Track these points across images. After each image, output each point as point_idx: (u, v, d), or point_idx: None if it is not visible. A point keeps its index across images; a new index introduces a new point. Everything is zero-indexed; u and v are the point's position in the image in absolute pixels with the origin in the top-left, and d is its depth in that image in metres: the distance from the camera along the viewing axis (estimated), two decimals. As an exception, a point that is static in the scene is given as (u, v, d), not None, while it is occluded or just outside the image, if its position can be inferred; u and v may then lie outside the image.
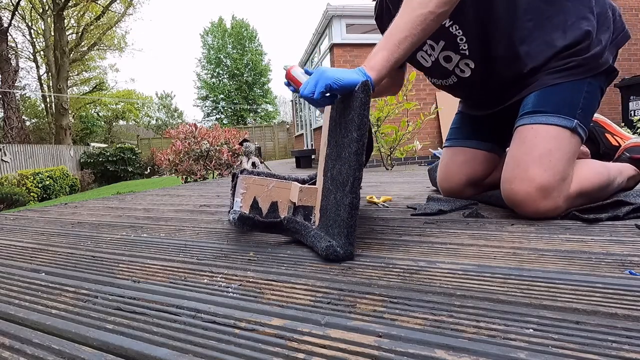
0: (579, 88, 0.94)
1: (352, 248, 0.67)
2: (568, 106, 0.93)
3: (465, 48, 1.01)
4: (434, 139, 6.56)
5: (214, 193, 1.99)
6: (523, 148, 0.93)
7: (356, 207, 0.67)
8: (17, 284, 0.63)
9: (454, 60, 1.06)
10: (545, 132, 0.92)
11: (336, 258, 0.66)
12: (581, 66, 0.93)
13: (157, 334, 0.43)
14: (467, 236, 0.80)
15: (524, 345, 0.37)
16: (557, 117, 0.92)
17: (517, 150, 0.95)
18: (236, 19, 26.18)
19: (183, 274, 0.64)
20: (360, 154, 0.67)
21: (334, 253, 0.66)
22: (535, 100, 0.96)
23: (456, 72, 1.08)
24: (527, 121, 0.95)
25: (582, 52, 0.93)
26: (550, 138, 0.91)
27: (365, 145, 0.68)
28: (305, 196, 0.88)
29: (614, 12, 0.99)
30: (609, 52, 0.97)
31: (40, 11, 15.13)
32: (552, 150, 0.90)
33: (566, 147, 0.91)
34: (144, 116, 25.95)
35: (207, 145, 4.38)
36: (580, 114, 0.93)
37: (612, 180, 1.02)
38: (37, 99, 20.09)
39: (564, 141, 0.91)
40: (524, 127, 0.95)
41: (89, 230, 1.08)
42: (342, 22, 6.38)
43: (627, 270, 0.54)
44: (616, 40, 0.99)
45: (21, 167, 10.09)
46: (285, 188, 0.91)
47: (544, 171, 0.88)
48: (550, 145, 0.90)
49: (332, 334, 0.41)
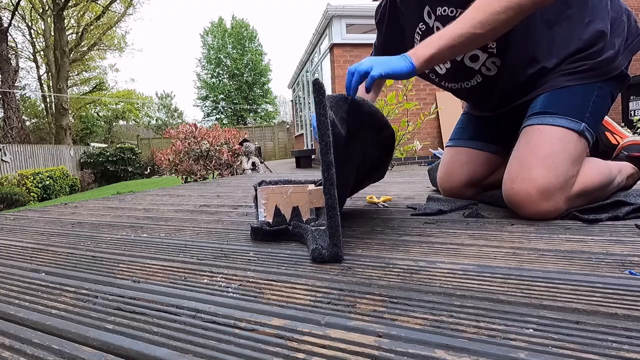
0: (590, 91, 0.93)
1: (337, 249, 0.66)
2: (577, 109, 0.92)
3: (494, 46, 1.00)
4: (434, 139, 6.56)
5: (214, 193, 1.99)
6: (528, 148, 0.93)
7: (333, 207, 0.66)
8: (17, 284, 0.63)
9: (481, 59, 1.03)
10: (552, 133, 0.91)
11: (322, 260, 0.66)
12: (593, 70, 0.93)
13: (157, 334, 0.43)
14: (467, 236, 0.80)
15: (524, 345, 0.37)
16: (565, 119, 0.91)
17: (522, 149, 0.94)
18: (236, 19, 26.18)
19: (183, 274, 0.64)
20: (325, 154, 0.66)
21: (320, 256, 0.66)
22: (544, 101, 0.96)
23: (482, 71, 1.06)
24: (535, 121, 0.95)
25: (595, 56, 0.93)
26: (556, 140, 0.91)
27: (329, 145, 0.66)
28: (314, 198, 0.89)
29: (629, 16, 0.98)
30: (623, 57, 0.96)
31: (40, 11, 15.13)
32: (557, 152, 0.89)
33: (572, 149, 0.90)
34: (144, 116, 25.95)
35: (207, 145, 4.39)
36: (589, 117, 0.92)
37: (613, 179, 1.01)
38: (37, 99, 20.11)
39: (570, 144, 0.91)
40: (531, 127, 0.95)
41: (89, 230, 1.08)
42: (342, 22, 6.38)
43: (627, 270, 0.54)
44: (631, 46, 0.98)
45: (21, 167, 10.09)
46: (303, 192, 0.92)
47: (547, 172, 0.88)
48: (555, 146, 0.90)
49: (332, 334, 0.41)
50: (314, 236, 0.74)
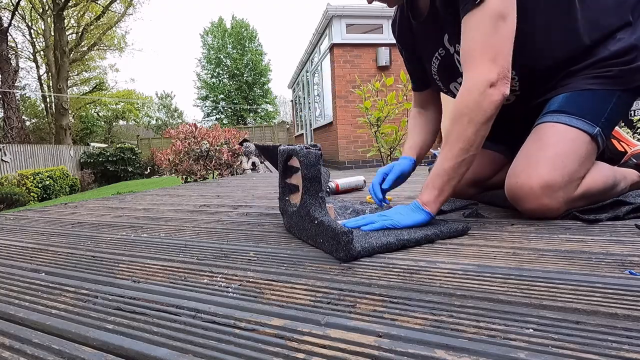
0: (610, 98, 0.92)
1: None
2: (595, 113, 0.91)
3: (517, 89, 1.01)
4: (434, 139, 6.56)
5: (214, 193, 1.99)
6: (539, 144, 0.92)
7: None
8: (17, 284, 0.63)
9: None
10: (566, 133, 0.91)
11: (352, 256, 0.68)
12: (618, 77, 0.92)
13: (157, 334, 0.43)
14: (467, 236, 0.80)
15: (524, 345, 0.37)
16: (582, 121, 0.91)
17: (532, 145, 0.94)
18: (236, 19, 26.19)
19: (183, 274, 0.64)
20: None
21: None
22: (563, 100, 0.95)
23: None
24: (550, 119, 0.94)
25: (624, 64, 0.91)
26: (568, 140, 0.90)
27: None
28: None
29: None
30: None
31: (40, 11, 15.13)
32: (568, 152, 0.89)
33: (583, 152, 0.90)
34: (144, 116, 25.97)
35: (207, 145, 4.38)
36: (604, 122, 0.91)
37: (616, 184, 1.01)
38: (37, 99, 20.11)
39: (582, 146, 0.90)
40: (545, 125, 0.94)
41: (89, 230, 1.08)
42: (342, 22, 6.38)
43: (627, 270, 0.54)
44: None
45: (21, 167, 10.09)
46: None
47: (553, 170, 0.87)
48: (567, 146, 0.89)
49: (332, 334, 0.41)
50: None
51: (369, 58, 6.49)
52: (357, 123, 5.94)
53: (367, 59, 6.49)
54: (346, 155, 6.52)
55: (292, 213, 0.87)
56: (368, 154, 4.15)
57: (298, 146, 0.82)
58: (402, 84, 3.69)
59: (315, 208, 0.78)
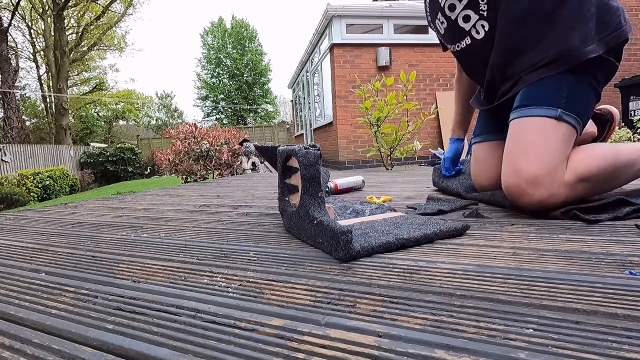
0: (561, 80, 0.96)
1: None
2: (551, 97, 0.96)
3: (484, 9, 1.04)
4: (434, 139, 6.56)
5: (214, 193, 1.99)
6: (512, 142, 0.98)
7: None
8: (17, 284, 0.63)
9: (472, 20, 1.09)
10: (531, 124, 0.96)
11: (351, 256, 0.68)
12: (556, 60, 0.96)
13: (157, 334, 0.43)
14: (467, 236, 0.80)
15: (524, 345, 0.37)
16: (541, 109, 0.96)
17: (508, 144, 1.00)
18: (236, 19, 26.19)
19: (183, 274, 0.64)
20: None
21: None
22: (521, 96, 1.01)
23: (472, 33, 1.11)
24: (515, 115, 1.00)
25: (554, 48, 0.97)
26: (535, 130, 0.95)
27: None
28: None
29: (604, 7, 0.96)
30: (596, 45, 0.94)
31: (40, 11, 15.13)
32: (536, 142, 0.93)
33: (552, 136, 0.93)
34: (144, 116, 25.96)
35: (207, 145, 4.38)
36: (565, 102, 0.95)
37: (627, 163, 0.98)
38: (37, 99, 20.11)
39: (549, 131, 0.94)
40: (512, 122, 1.01)
41: (89, 230, 1.08)
42: (342, 22, 6.38)
43: (627, 270, 0.54)
44: (606, 39, 0.95)
45: (21, 167, 10.09)
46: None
47: (530, 163, 0.91)
48: (534, 136, 0.94)
49: (332, 334, 0.41)
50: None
51: (369, 58, 6.49)
52: (357, 123, 5.95)
53: (367, 59, 6.49)
54: (346, 155, 6.52)
55: (291, 213, 0.87)
56: (368, 154, 4.15)
57: (297, 146, 0.82)
58: (402, 84, 3.69)
59: (315, 208, 0.78)
